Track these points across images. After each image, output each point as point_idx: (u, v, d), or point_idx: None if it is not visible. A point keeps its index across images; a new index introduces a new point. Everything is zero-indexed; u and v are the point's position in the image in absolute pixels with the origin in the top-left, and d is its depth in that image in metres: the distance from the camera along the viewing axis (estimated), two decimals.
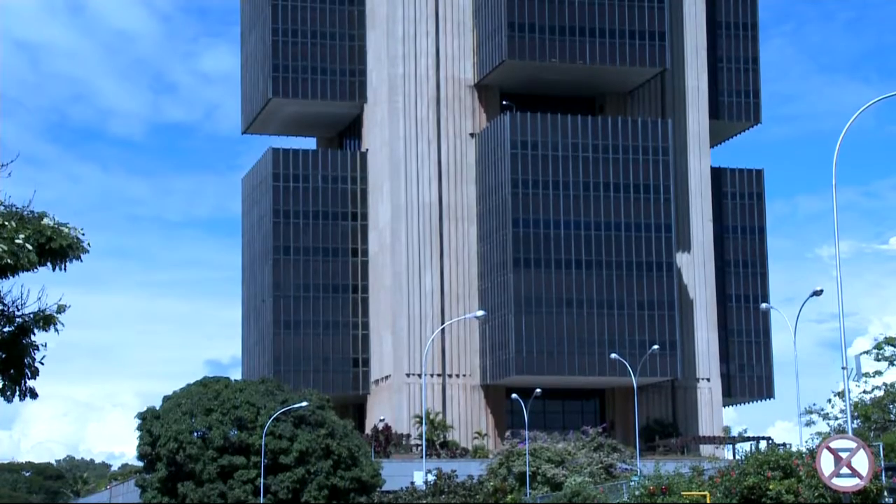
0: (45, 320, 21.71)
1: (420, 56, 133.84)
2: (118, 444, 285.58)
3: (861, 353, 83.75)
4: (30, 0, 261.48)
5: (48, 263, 21.48)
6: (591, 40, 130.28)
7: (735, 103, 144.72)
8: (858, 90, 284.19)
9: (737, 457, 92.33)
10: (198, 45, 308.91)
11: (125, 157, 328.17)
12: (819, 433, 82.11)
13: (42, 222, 21.28)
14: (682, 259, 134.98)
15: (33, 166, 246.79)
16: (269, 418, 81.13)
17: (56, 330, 21.82)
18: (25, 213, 21.41)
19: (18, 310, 21.70)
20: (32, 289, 21.65)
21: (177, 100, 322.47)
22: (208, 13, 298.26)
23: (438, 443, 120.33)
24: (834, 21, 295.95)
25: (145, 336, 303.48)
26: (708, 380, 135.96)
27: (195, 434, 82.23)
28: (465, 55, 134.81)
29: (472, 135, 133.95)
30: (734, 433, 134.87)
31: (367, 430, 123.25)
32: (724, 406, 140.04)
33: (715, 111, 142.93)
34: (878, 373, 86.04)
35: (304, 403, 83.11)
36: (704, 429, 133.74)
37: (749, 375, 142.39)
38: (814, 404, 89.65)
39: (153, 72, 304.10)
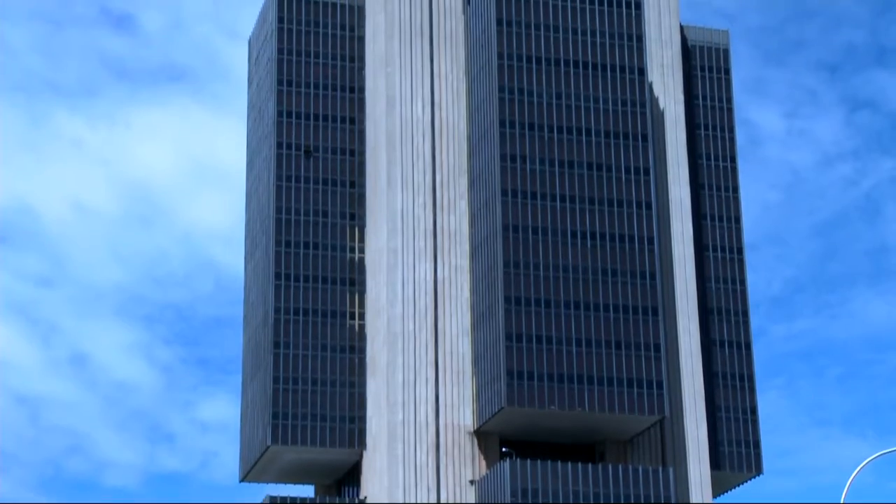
0: None
1: (420, 403, 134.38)
2: None
3: None
4: (33, 356, 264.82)
5: None
6: (589, 388, 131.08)
7: (736, 453, 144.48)
8: (855, 445, 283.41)
9: None
10: (197, 394, 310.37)
11: None
12: None
13: None
14: None
15: None
16: None
17: None
18: None
19: None
20: None
21: (174, 449, 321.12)
22: (209, 363, 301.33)
23: None
24: (825, 377, 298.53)
25: None
26: None
27: None
28: (464, 402, 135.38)
29: (471, 482, 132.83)
30: None
31: None
32: None
33: (716, 461, 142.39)
34: None
35: None
36: None
37: None
38: None
39: (151, 422, 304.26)
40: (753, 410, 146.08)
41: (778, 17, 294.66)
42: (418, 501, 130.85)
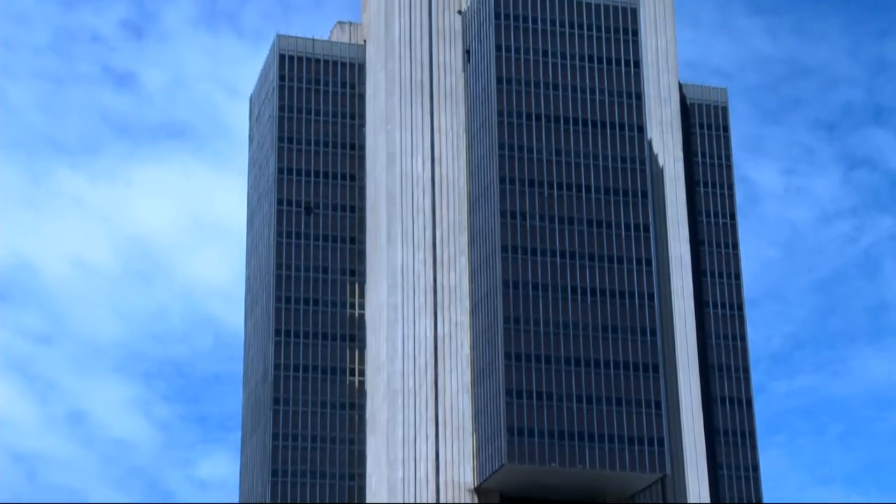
0: None
1: (420, 460, 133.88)
2: None
3: None
4: (31, 413, 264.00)
5: None
6: (590, 445, 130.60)
7: None
8: None
9: None
10: (195, 452, 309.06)
11: None
12: None
13: None
14: None
15: None
16: None
17: None
18: None
19: None
20: None
21: None
22: (208, 420, 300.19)
23: None
24: (826, 434, 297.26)
25: None
26: None
27: None
28: (464, 459, 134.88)
29: None
30: None
31: None
32: None
33: None
34: None
35: None
36: None
37: None
38: None
39: (149, 479, 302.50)
40: (755, 468, 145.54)
41: (775, 75, 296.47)
42: None
